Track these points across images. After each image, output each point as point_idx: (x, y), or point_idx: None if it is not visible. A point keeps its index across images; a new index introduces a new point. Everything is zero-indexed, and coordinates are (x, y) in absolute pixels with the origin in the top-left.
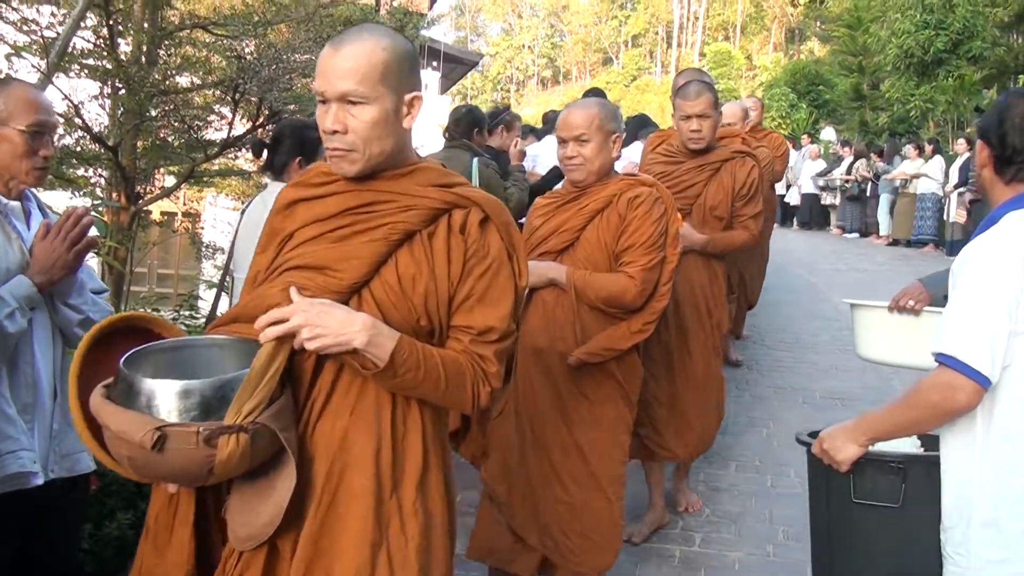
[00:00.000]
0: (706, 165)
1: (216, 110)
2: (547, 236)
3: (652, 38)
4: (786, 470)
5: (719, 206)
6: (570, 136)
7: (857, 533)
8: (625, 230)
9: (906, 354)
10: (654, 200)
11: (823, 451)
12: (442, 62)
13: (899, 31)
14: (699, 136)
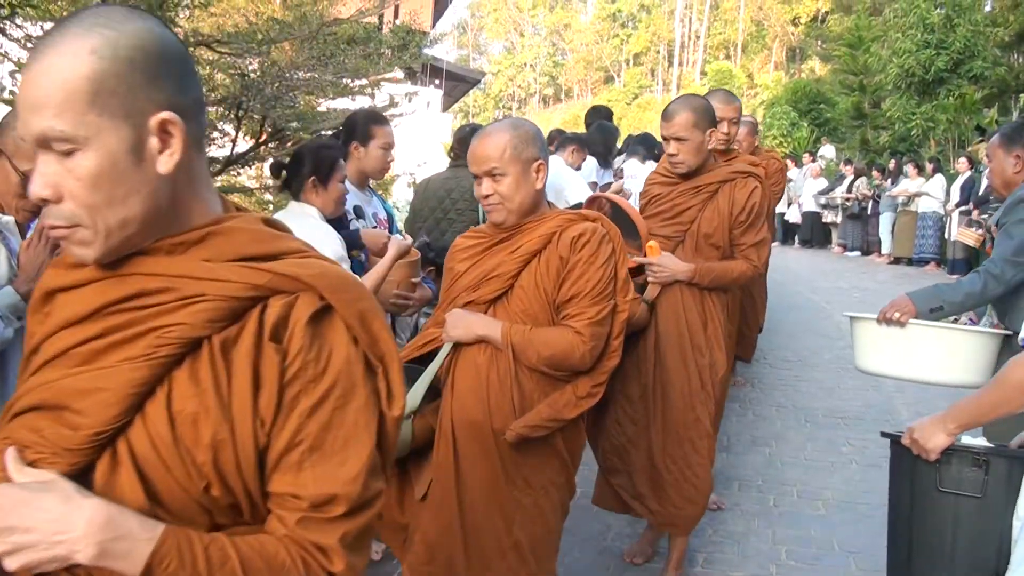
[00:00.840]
0: (702, 187)
1: (219, 127)
2: (475, 284)
3: (654, 56)
4: (789, 490)
5: (715, 233)
6: (481, 171)
7: (940, 521)
8: (568, 276)
9: (902, 366)
10: (600, 239)
11: (912, 440)
12: (444, 80)
13: (900, 51)
14: (677, 160)
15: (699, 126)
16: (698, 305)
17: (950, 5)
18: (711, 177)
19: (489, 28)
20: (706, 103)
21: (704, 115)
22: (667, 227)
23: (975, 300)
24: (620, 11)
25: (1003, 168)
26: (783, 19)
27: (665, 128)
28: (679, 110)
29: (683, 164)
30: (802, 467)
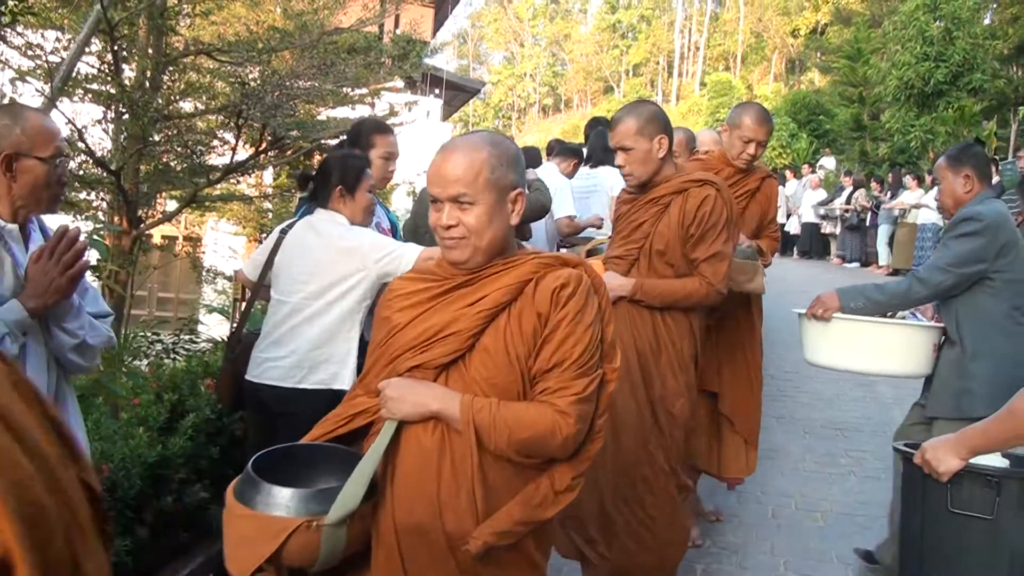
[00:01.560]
0: (655, 200)
1: (219, 135)
2: (421, 343)
3: (653, 67)
4: (788, 501)
5: (667, 249)
6: (444, 195)
7: (951, 541)
8: (549, 339)
9: (844, 358)
10: (587, 291)
11: (924, 461)
12: (444, 89)
13: (899, 63)
14: (625, 173)
15: (644, 133)
16: (649, 329)
17: (949, 18)
18: (665, 188)
19: (489, 38)
20: (655, 109)
21: (650, 122)
22: (623, 246)
23: (899, 301)
24: (620, 22)
25: (953, 188)
26: (782, 31)
27: (611, 138)
28: (622, 118)
29: (631, 176)
30: (801, 478)
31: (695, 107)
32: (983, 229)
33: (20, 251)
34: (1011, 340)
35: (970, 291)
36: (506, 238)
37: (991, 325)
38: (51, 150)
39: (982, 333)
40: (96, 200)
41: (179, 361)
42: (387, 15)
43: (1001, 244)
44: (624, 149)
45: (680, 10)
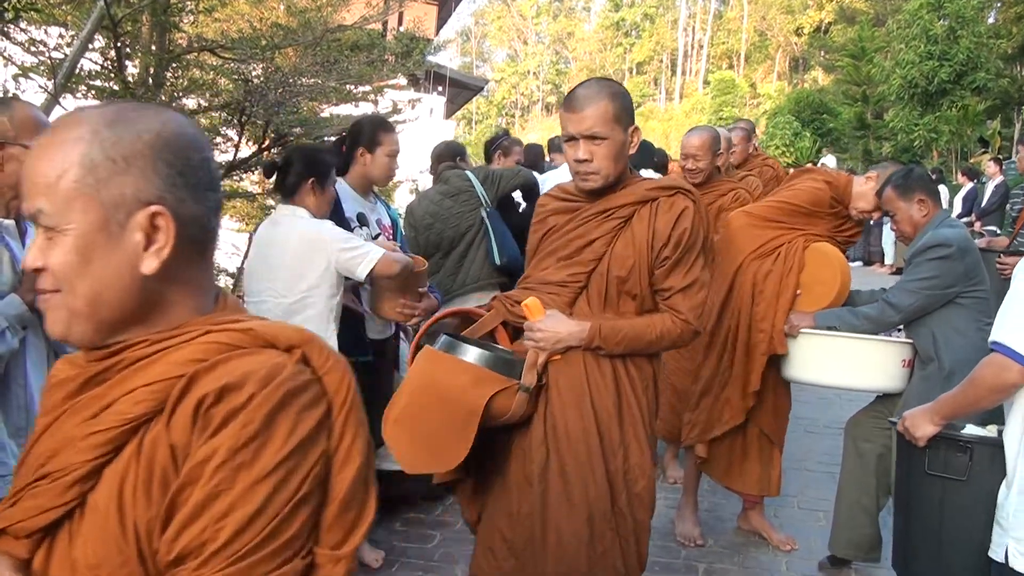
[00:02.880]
0: (612, 212)
1: (222, 132)
2: (18, 489)
3: (656, 66)
4: (790, 501)
5: (630, 276)
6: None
7: (928, 501)
8: (181, 497)
9: (818, 374)
10: (280, 405)
11: (904, 428)
12: (447, 87)
13: (903, 62)
14: (588, 170)
15: (621, 121)
16: (610, 383)
17: (953, 16)
18: (624, 197)
19: (493, 36)
20: (625, 91)
21: (627, 107)
22: (562, 270)
23: (871, 324)
24: (624, 20)
25: (910, 215)
26: (786, 29)
27: (573, 122)
28: (593, 97)
29: (597, 176)
30: (803, 478)
31: (699, 105)
32: (954, 253)
33: (17, 246)
34: (977, 349)
35: (943, 309)
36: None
37: (967, 342)
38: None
39: (958, 350)
40: None
41: None
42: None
43: (969, 266)
44: (593, 138)
45: (684, 8)
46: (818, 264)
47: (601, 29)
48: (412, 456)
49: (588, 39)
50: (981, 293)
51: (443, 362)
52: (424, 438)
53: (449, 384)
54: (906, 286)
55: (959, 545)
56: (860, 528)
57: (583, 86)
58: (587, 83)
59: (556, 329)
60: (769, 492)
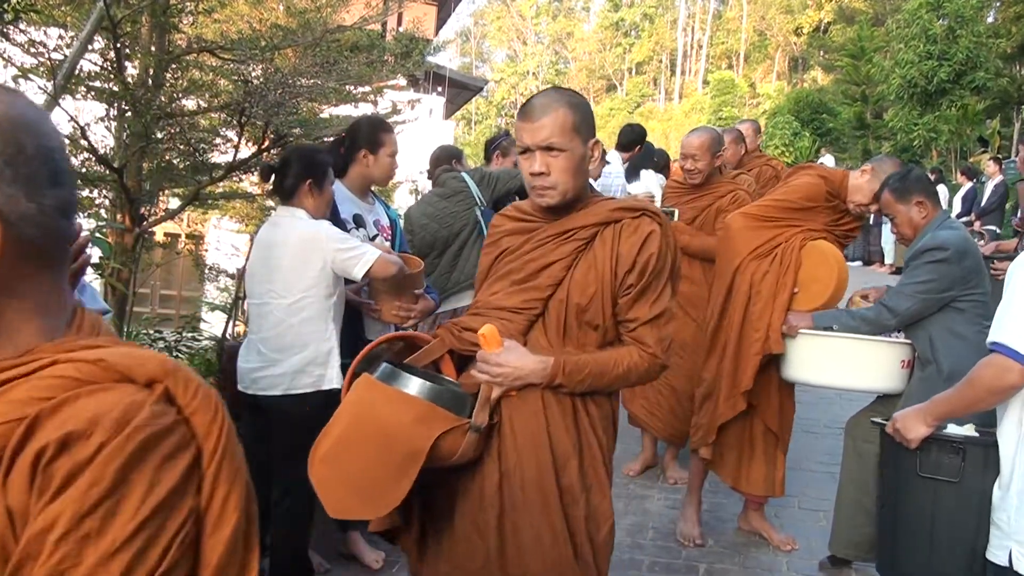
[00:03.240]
0: (572, 232)
1: (222, 133)
2: None
3: (656, 66)
4: (790, 501)
5: (591, 303)
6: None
7: (919, 503)
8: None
9: (817, 375)
10: (143, 450)
11: (895, 430)
12: (447, 87)
13: (902, 61)
14: (545, 185)
15: (581, 132)
16: (569, 423)
17: (953, 16)
18: (585, 217)
19: (492, 36)
20: (586, 102)
21: (587, 119)
22: (516, 295)
23: (869, 327)
24: (623, 20)
25: (909, 217)
26: (785, 29)
27: (528, 132)
28: (550, 106)
29: (554, 191)
30: (803, 478)
31: (698, 105)
32: (951, 256)
33: None
34: (976, 352)
35: (941, 313)
36: None
37: (965, 345)
38: None
39: (956, 353)
40: (98, 198)
41: (182, 359)
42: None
43: (968, 270)
44: (550, 149)
45: (683, 8)
46: (815, 262)
47: (600, 29)
48: (338, 498)
49: (587, 39)
50: (980, 296)
51: (383, 393)
52: (355, 478)
53: (389, 419)
54: (903, 290)
55: (951, 546)
56: (860, 528)
57: (541, 95)
58: (545, 92)
59: (517, 364)
60: (774, 493)
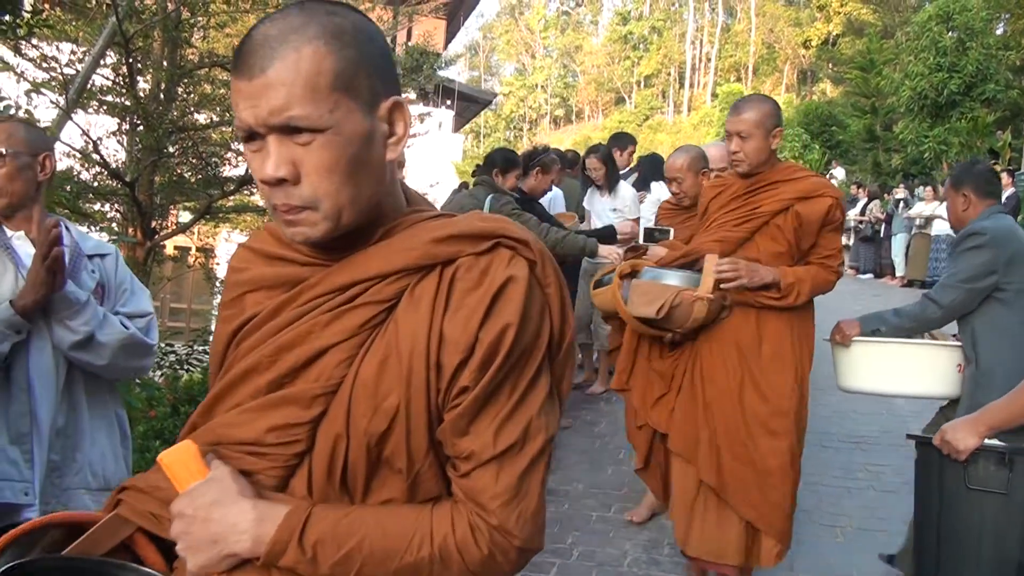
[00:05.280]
0: (359, 288)
1: (233, 147)
2: None
3: (664, 79)
4: (806, 516)
5: (391, 429)
6: None
7: (967, 517)
8: None
9: (872, 382)
10: None
11: (944, 442)
12: (456, 101)
13: (912, 73)
14: (294, 205)
15: (358, 87)
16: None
17: (963, 28)
18: (386, 256)
19: (501, 50)
20: (363, 22)
21: (368, 54)
22: (263, 415)
23: (916, 322)
24: (631, 33)
25: (955, 207)
26: (794, 42)
27: (246, 98)
28: (286, 40)
29: (315, 215)
30: (819, 493)
31: (707, 118)
32: (988, 242)
33: (25, 255)
34: (1017, 349)
35: (984, 306)
36: None
37: (1005, 339)
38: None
39: (995, 348)
40: (110, 211)
41: (193, 372)
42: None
43: (1009, 255)
44: (294, 131)
45: (691, 21)
46: None
47: (609, 42)
48: None
49: (596, 52)
50: (1022, 286)
51: None
52: None
53: None
54: (946, 282)
55: (999, 561)
56: None
57: (272, 18)
58: (286, 12)
59: (216, 516)
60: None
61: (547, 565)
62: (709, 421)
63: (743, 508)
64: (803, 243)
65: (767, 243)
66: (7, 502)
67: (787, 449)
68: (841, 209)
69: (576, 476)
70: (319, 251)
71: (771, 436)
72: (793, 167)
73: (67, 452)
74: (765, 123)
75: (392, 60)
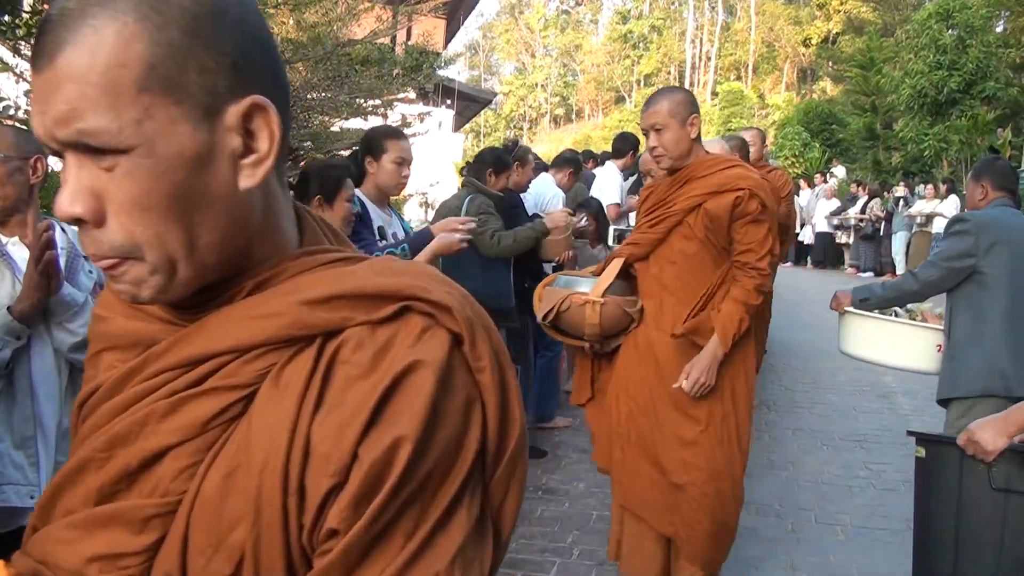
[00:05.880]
0: (201, 371)
1: None
2: None
3: (665, 77)
4: (807, 515)
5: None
6: None
7: (990, 517)
8: None
9: (864, 350)
10: None
11: (970, 442)
12: (456, 100)
13: (912, 71)
14: (101, 255)
15: (181, 79)
16: None
17: (963, 26)
18: (240, 326)
19: (501, 49)
20: None
21: (201, 23)
22: (86, 535)
23: (897, 293)
24: (631, 32)
25: (972, 197)
26: (794, 40)
27: (39, 100)
28: (83, 21)
29: (144, 271)
30: (820, 491)
31: (707, 117)
32: (970, 228)
33: (21, 261)
34: (990, 330)
35: (964, 285)
36: None
37: (978, 318)
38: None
39: (968, 325)
40: None
41: None
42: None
43: (990, 242)
44: (95, 153)
45: (691, 20)
46: None
47: (609, 41)
48: None
49: (596, 51)
50: (1007, 272)
51: None
52: None
53: None
54: (930, 259)
55: (1021, 562)
56: None
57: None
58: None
59: None
60: None
61: (547, 564)
62: (627, 435)
63: (660, 524)
64: (718, 241)
65: (680, 243)
66: (13, 505)
67: (704, 466)
68: (759, 200)
69: (576, 475)
70: (173, 305)
71: (687, 450)
72: (715, 160)
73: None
74: (679, 112)
75: (268, 44)
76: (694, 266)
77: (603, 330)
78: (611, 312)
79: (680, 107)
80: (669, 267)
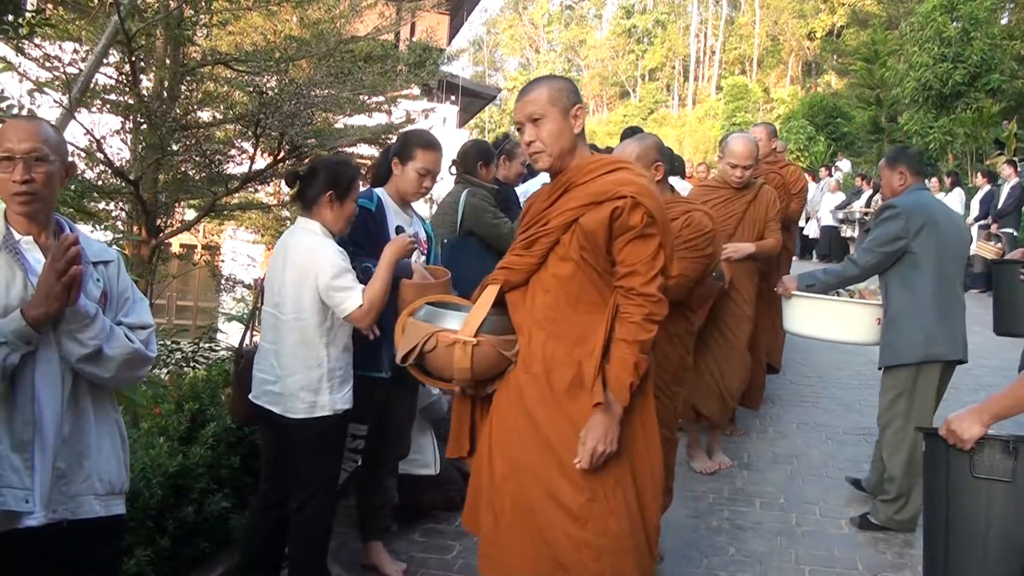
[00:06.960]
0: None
1: (237, 144)
2: None
3: (669, 72)
4: (811, 508)
5: None
6: None
7: (974, 505)
8: None
9: (808, 328)
10: None
11: (950, 432)
12: (460, 96)
13: (917, 64)
14: None
15: None
16: None
17: (967, 18)
18: None
19: (505, 44)
20: None
21: None
22: None
23: (838, 279)
24: (635, 27)
25: (890, 183)
26: (799, 33)
27: None
28: None
29: None
30: (824, 485)
31: (711, 111)
32: (899, 213)
33: (38, 261)
34: (923, 304)
35: (898, 265)
36: None
37: (910, 293)
38: (1, 150)
39: (901, 300)
40: (115, 210)
41: (199, 370)
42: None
43: (919, 224)
44: None
45: (695, 14)
46: None
47: (613, 36)
48: None
49: (600, 46)
50: (936, 252)
51: None
52: None
53: None
54: (865, 246)
55: (1007, 550)
56: None
57: None
58: None
59: None
60: None
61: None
62: (501, 500)
63: None
64: (597, 263)
65: (557, 266)
66: (8, 509)
67: (593, 542)
68: (644, 210)
69: None
70: None
71: (573, 524)
72: (598, 162)
73: (73, 460)
74: (560, 100)
75: None
76: (570, 294)
77: (475, 375)
78: (484, 354)
79: (562, 95)
80: (541, 296)
